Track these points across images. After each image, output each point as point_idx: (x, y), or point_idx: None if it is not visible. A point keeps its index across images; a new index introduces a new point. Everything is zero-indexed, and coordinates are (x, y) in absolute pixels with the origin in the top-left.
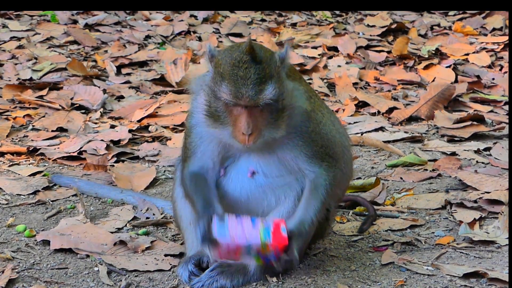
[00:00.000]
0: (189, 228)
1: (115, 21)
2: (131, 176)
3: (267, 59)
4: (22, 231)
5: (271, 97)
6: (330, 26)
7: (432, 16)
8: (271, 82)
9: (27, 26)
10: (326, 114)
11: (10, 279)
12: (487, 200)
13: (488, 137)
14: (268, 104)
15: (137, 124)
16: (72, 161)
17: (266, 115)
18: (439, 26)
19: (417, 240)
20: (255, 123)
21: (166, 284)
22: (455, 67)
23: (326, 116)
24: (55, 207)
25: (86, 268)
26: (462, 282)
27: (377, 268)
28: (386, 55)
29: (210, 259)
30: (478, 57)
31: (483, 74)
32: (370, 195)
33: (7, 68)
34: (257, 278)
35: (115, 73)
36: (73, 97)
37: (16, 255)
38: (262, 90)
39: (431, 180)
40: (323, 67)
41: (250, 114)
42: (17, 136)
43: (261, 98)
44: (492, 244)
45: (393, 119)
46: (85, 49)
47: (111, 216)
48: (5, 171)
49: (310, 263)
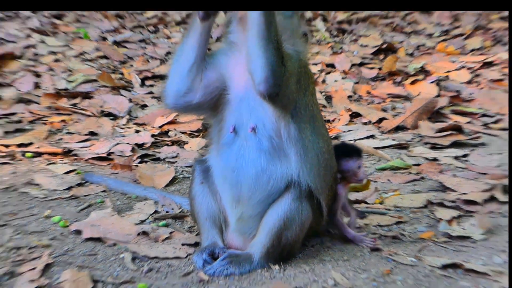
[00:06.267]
0: (205, 223)
1: (139, 39)
2: (153, 175)
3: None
4: (58, 222)
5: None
6: (329, 45)
7: (418, 37)
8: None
9: (62, 42)
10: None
11: (47, 264)
12: (464, 200)
13: (466, 145)
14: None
15: (158, 129)
16: (102, 161)
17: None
18: (424, 46)
19: (402, 234)
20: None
21: (183, 269)
22: (438, 83)
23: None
24: (87, 201)
25: (113, 255)
26: (441, 272)
27: (367, 259)
28: (377, 72)
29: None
30: (459, 74)
31: (463, 90)
32: (361, 195)
33: (45, 79)
34: (261, 266)
35: (140, 85)
36: (102, 105)
37: (52, 242)
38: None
39: (415, 182)
40: (321, 82)
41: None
42: (53, 139)
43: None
44: (468, 239)
45: (382, 128)
46: (113, 63)
47: (135, 210)
48: (43, 169)
49: (308, 253)
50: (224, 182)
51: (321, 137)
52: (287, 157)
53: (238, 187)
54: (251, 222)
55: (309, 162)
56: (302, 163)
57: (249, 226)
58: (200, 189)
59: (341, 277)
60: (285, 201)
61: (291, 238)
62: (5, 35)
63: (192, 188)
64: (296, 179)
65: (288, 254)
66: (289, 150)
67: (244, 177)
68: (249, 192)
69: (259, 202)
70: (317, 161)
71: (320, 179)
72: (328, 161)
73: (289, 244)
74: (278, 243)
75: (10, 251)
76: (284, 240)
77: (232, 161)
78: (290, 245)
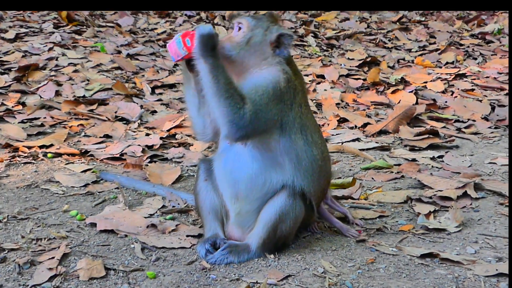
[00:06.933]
0: (207, 216)
1: (150, 52)
2: (161, 173)
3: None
4: (75, 215)
5: None
6: (319, 58)
7: (398, 52)
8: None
9: (81, 55)
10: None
11: (65, 253)
12: (440, 196)
13: (441, 147)
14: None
15: (166, 133)
16: (115, 161)
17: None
18: (404, 59)
19: (385, 227)
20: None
21: (187, 258)
22: (416, 92)
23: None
24: (101, 197)
25: (125, 245)
26: (420, 261)
27: (353, 249)
28: (362, 82)
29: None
30: (434, 85)
31: (438, 98)
32: (348, 191)
33: (66, 88)
34: (258, 255)
35: (150, 93)
36: (116, 111)
37: (70, 234)
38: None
39: (396, 180)
40: (313, 91)
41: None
42: (72, 141)
43: None
44: (444, 231)
45: (366, 132)
46: (126, 73)
47: (145, 205)
48: (62, 168)
49: (300, 244)
50: (224, 181)
51: (314, 144)
52: (281, 166)
53: (236, 186)
54: (249, 216)
55: (303, 169)
56: (296, 171)
57: (247, 219)
58: (204, 186)
59: (329, 265)
60: (281, 197)
61: (285, 230)
62: (30, 48)
63: (196, 185)
64: (291, 184)
65: (283, 244)
66: (282, 160)
67: (241, 178)
68: (246, 191)
69: (256, 199)
70: (311, 168)
71: (314, 184)
72: (322, 167)
73: (283, 236)
74: (274, 235)
75: (31, 242)
76: (279, 233)
77: (229, 164)
78: (284, 237)
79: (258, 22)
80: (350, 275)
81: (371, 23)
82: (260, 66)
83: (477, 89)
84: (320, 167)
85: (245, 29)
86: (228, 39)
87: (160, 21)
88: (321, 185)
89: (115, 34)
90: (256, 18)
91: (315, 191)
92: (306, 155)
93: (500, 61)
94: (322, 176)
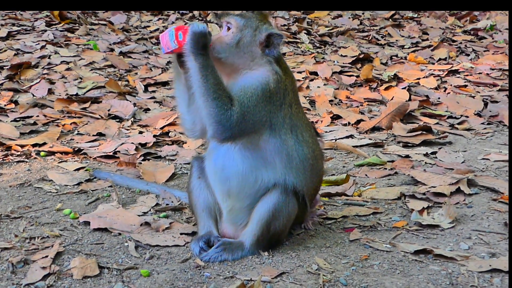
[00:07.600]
0: (201, 214)
1: (143, 50)
2: (154, 171)
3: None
4: (68, 214)
5: None
6: (312, 55)
7: (391, 49)
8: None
9: (74, 53)
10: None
11: (58, 252)
12: (433, 193)
13: (434, 143)
14: None
15: (160, 130)
16: (108, 159)
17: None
18: (397, 56)
19: (378, 223)
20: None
21: (181, 256)
22: (409, 89)
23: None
24: (95, 195)
25: (118, 243)
26: (413, 257)
27: (347, 245)
28: (355, 79)
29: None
30: (427, 81)
31: (431, 94)
32: (342, 188)
33: (58, 86)
34: (252, 253)
35: (143, 91)
36: (110, 109)
37: (63, 232)
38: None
39: (390, 177)
40: (306, 88)
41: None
42: (65, 139)
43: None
44: (437, 227)
45: (360, 128)
46: (119, 71)
47: (139, 203)
48: (55, 166)
49: (294, 240)
50: (215, 179)
51: (305, 144)
52: (272, 165)
53: (227, 183)
54: (241, 213)
55: (295, 168)
56: (288, 170)
57: (239, 216)
58: (197, 184)
59: (323, 262)
60: (274, 194)
61: (279, 227)
62: (22, 46)
63: (190, 183)
64: (282, 183)
65: (276, 242)
66: (273, 159)
67: (232, 175)
68: (237, 188)
69: (247, 196)
70: (302, 167)
71: (306, 182)
72: (314, 165)
73: (277, 233)
74: (267, 232)
75: (25, 241)
76: (272, 230)
77: (220, 162)
78: (278, 234)
79: (247, 22)
80: (344, 272)
81: (364, 20)
82: (250, 67)
83: (470, 85)
84: (311, 165)
85: (234, 29)
86: (217, 39)
87: (153, 19)
88: (313, 182)
89: (108, 32)
90: (245, 17)
91: (308, 189)
92: (297, 154)
93: (493, 57)
94: (314, 174)
